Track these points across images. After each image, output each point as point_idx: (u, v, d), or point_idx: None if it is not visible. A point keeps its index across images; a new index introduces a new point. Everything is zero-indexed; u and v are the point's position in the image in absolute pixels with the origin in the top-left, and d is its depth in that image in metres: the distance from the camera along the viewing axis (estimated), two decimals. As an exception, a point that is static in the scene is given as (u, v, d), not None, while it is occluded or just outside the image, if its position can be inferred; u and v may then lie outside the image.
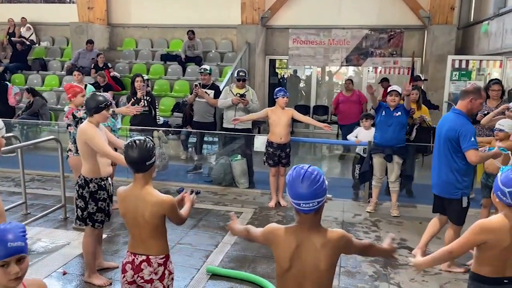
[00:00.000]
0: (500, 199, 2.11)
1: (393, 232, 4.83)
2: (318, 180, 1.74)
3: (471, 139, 3.55)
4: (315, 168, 1.78)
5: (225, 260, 4.12)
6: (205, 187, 6.40)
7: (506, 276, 2.14)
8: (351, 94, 8.44)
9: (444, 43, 9.39)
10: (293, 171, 1.79)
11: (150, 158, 2.31)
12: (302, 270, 1.78)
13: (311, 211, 1.76)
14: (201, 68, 7.09)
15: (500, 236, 2.08)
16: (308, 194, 1.72)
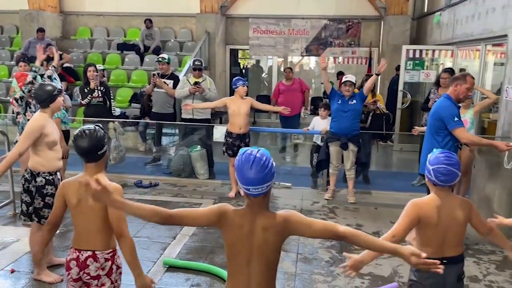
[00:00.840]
0: (428, 178, 2.22)
1: (350, 219, 5.02)
2: (267, 165, 1.74)
3: (455, 119, 3.70)
4: (263, 152, 1.77)
5: (183, 252, 4.09)
6: (163, 179, 6.31)
7: (445, 256, 2.24)
8: (292, 82, 7.89)
9: (399, 33, 9.63)
10: (242, 156, 1.76)
11: (102, 147, 2.26)
12: (250, 252, 1.79)
13: (260, 195, 1.78)
14: (158, 57, 6.92)
15: (428, 211, 2.18)
16: (257, 179, 1.72)
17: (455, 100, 3.81)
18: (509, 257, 2.48)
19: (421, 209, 2.21)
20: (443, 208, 2.20)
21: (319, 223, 1.83)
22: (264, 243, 1.78)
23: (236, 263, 1.84)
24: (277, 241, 1.81)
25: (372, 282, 3.61)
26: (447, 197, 2.24)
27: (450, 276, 2.26)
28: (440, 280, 2.24)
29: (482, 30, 6.42)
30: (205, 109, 6.23)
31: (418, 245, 2.28)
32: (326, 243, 4.34)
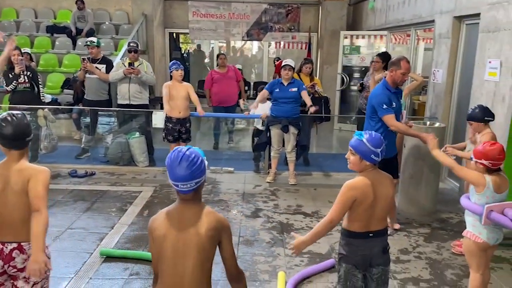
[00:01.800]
0: (371, 161, 2.27)
1: (290, 200, 5.12)
2: (196, 162, 1.77)
3: (383, 107, 3.85)
4: (193, 150, 1.81)
5: (121, 242, 3.96)
6: (101, 168, 6.05)
7: (371, 230, 2.35)
8: (226, 70, 7.21)
9: (336, 18, 9.86)
10: (172, 154, 1.79)
11: (30, 133, 2.19)
12: (182, 250, 1.77)
13: (189, 192, 1.79)
14: (87, 40, 6.50)
15: (364, 190, 2.26)
16: (185, 176, 1.75)
17: (392, 84, 3.97)
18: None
19: (356, 190, 2.26)
20: (374, 184, 2.28)
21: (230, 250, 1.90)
22: (198, 240, 1.76)
23: (167, 262, 1.80)
24: (212, 236, 1.79)
25: (311, 259, 3.72)
26: (376, 173, 2.33)
27: (376, 248, 2.37)
28: (367, 252, 2.36)
29: (412, 16, 6.72)
30: (142, 94, 6.03)
31: (347, 220, 2.37)
32: (267, 225, 4.40)
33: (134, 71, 5.84)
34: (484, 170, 2.77)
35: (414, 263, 3.68)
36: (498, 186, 2.73)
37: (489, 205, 2.67)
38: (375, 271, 2.39)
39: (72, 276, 3.35)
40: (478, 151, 2.78)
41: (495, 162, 2.72)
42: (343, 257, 2.41)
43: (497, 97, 4.33)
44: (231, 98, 7.10)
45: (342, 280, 2.41)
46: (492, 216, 2.66)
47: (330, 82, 9.72)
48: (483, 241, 2.77)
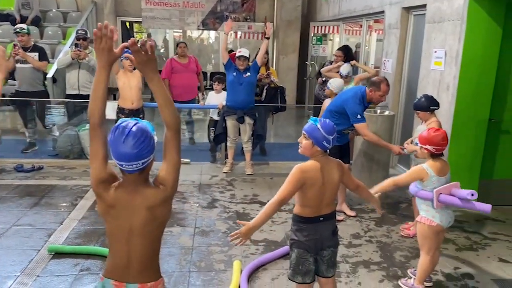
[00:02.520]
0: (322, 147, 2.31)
1: (247, 189, 5.13)
2: (143, 140, 1.62)
3: (357, 116, 4.05)
4: (141, 126, 1.65)
5: (71, 237, 3.82)
6: (49, 162, 5.79)
7: (322, 214, 2.40)
8: (188, 61, 6.64)
9: (291, 8, 9.92)
10: (116, 129, 1.62)
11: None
12: (130, 230, 1.72)
13: (135, 172, 1.66)
14: (16, 27, 6.01)
15: (314, 174, 2.30)
16: (131, 155, 1.59)
17: (368, 100, 4.12)
18: (377, 211, 2.74)
19: (306, 172, 2.30)
20: (323, 169, 2.32)
21: None
22: (147, 221, 1.71)
23: (115, 240, 1.75)
24: (161, 216, 1.74)
25: (266, 247, 3.74)
26: (326, 159, 2.37)
27: (326, 231, 2.44)
28: (319, 236, 2.41)
29: (363, 7, 6.87)
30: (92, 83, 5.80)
31: (299, 206, 2.40)
32: (223, 215, 4.39)
33: (81, 53, 5.58)
34: (428, 155, 2.91)
35: (366, 247, 3.80)
36: (439, 170, 2.88)
37: (438, 189, 2.82)
38: (326, 253, 2.46)
39: (18, 274, 3.19)
40: (423, 137, 2.91)
41: (439, 147, 2.86)
42: (295, 243, 2.44)
43: (442, 85, 4.52)
44: (190, 91, 6.69)
45: (294, 264, 2.45)
46: (442, 198, 2.80)
47: (286, 72, 9.81)
48: (437, 224, 2.90)
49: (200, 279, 3.24)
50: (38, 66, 5.86)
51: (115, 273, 1.75)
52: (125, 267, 1.74)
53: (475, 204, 2.72)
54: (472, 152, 4.46)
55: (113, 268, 1.77)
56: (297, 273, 2.45)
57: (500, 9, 4.16)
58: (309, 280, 2.46)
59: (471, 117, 4.36)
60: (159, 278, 1.81)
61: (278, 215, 4.41)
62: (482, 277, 3.35)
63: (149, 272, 1.78)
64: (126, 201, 1.70)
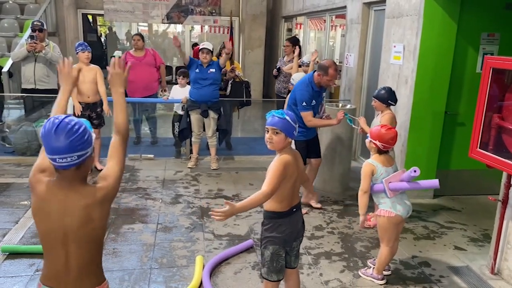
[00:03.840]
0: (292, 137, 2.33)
1: (212, 184, 5.09)
2: (76, 130, 1.51)
3: (303, 104, 4.06)
4: (74, 119, 1.56)
5: (27, 236, 3.69)
6: (4, 159, 5.56)
7: (294, 205, 2.41)
8: (144, 54, 6.33)
9: (257, 3, 9.91)
10: (47, 122, 1.53)
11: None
12: (64, 232, 1.60)
13: (70, 167, 1.53)
14: None
15: (292, 167, 2.31)
16: (63, 147, 1.49)
17: (317, 85, 4.11)
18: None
19: (289, 165, 2.28)
20: (295, 162, 2.33)
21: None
22: (83, 222, 1.59)
23: (50, 244, 1.63)
24: (97, 219, 1.62)
25: (230, 241, 3.73)
26: (293, 151, 2.39)
27: (299, 221, 2.47)
28: (294, 228, 2.42)
29: (327, 2, 6.94)
30: (49, 78, 5.59)
31: (274, 202, 2.34)
32: (187, 211, 4.35)
33: (37, 46, 5.37)
34: (375, 150, 3.00)
35: (327, 238, 3.86)
36: (384, 162, 2.99)
37: (386, 178, 2.92)
38: (295, 244, 2.48)
39: (-33, 277, 3.05)
40: (374, 133, 2.99)
41: (387, 145, 2.96)
42: (270, 240, 2.40)
43: (401, 79, 4.63)
44: (149, 87, 6.32)
45: (268, 262, 2.42)
46: (392, 186, 2.90)
47: (252, 67, 9.80)
48: (396, 214, 2.97)
49: (161, 275, 3.20)
50: None
51: (53, 280, 1.65)
52: (64, 273, 1.63)
53: (422, 183, 2.86)
54: (429, 144, 4.60)
55: (50, 276, 1.66)
56: (272, 271, 2.43)
57: (455, 4, 4.29)
58: (282, 277, 2.47)
59: (428, 110, 4.49)
60: (102, 282, 1.72)
61: (242, 209, 4.41)
62: (438, 265, 3.47)
63: (91, 277, 1.68)
64: (60, 200, 1.58)
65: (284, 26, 9.75)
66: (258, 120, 8.82)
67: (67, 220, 1.59)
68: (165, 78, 6.83)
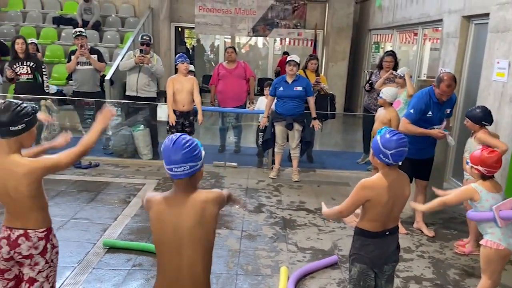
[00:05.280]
0: (381, 160, 2.23)
1: (293, 196, 5.12)
2: (189, 145, 1.76)
3: (410, 110, 3.90)
4: (188, 137, 1.81)
5: (125, 233, 3.97)
6: (104, 160, 6.07)
7: (388, 228, 2.32)
8: (235, 66, 6.50)
9: (343, 16, 9.83)
10: (167, 139, 1.80)
11: (16, 123, 2.03)
12: (180, 239, 1.77)
13: (183, 176, 1.76)
14: (75, 31, 6.29)
15: (379, 192, 2.22)
16: (178, 159, 1.73)
17: (437, 95, 3.89)
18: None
19: (372, 190, 2.22)
20: (392, 185, 2.23)
21: None
22: (196, 228, 1.75)
23: (164, 251, 1.80)
24: (211, 222, 1.79)
25: (313, 255, 3.71)
26: (395, 174, 2.28)
27: (392, 246, 2.37)
28: (384, 251, 2.34)
29: (420, 15, 6.69)
30: (150, 87, 6.02)
31: (366, 221, 2.31)
32: (270, 220, 4.40)
33: (145, 59, 5.81)
34: (478, 176, 2.78)
35: (417, 262, 3.67)
36: (490, 188, 2.75)
37: (496, 206, 2.66)
38: (387, 268, 2.39)
39: (75, 265, 3.36)
40: (476, 157, 2.78)
41: (491, 170, 2.74)
42: (358, 258, 2.36)
43: (505, 97, 4.30)
44: (238, 97, 6.46)
45: (355, 280, 2.37)
46: (504, 214, 2.65)
47: (335, 80, 9.71)
48: (504, 247, 2.74)
49: (247, 282, 3.27)
50: (98, 67, 6.15)
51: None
52: (177, 282, 1.78)
53: None
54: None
55: (164, 283, 1.81)
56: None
57: None
58: None
59: (535, 132, 4.11)
60: None
61: (326, 223, 4.37)
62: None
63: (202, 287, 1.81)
64: (174, 212, 1.77)
65: (370, 39, 9.56)
66: (339, 134, 8.69)
67: (182, 226, 1.76)
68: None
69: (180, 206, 1.77)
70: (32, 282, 2.15)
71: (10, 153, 2.06)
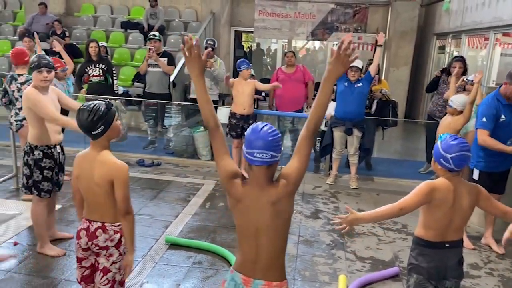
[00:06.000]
0: (442, 166, 2.17)
1: (351, 203, 5.01)
2: (276, 134, 1.76)
3: (482, 119, 3.71)
4: (272, 126, 1.81)
5: (185, 231, 4.09)
6: (166, 159, 6.30)
7: (447, 240, 2.22)
8: (294, 70, 6.48)
9: (407, 19, 9.52)
10: (254, 125, 1.81)
11: (95, 127, 2.18)
12: (256, 223, 1.80)
13: (263, 164, 1.74)
14: (150, 34, 6.63)
15: (445, 195, 2.15)
16: (263, 144, 1.72)
17: (504, 96, 3.73)
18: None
19: (436, 190, 2.16)
20: (455, 192, 2.16)
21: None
22: (270, 217, 1.78)
23: (244, 236, 1.86)
24: (283, 211, 1.81)
25: (373, 266, 3.62)
26: (458, 182, 2.21)
27: (452, 260, 2.26)
28: (442, 264, 2.24)
29: (492, 18, 6.33)
30: (212, 90, 6.18)
31: (422, 227, 2.26)
32: (327, 227, 4.35)
33: (209, 63, 5.97)
34: None
35: (485, 279, 3.47)
36: None
37: None
38: (448, 284, 2.28)
39: (139, 259, 3.51)
40: None
41: None
42: (415, 267, 2.29)
43: None
44: (296, 102, 6.45)
45: None
46: None
47: (396, 85, 9.41)
48: None
49: (305, 288, 3.25)
50: (166, 70, 6.41)
51: (243, 268, 1.85)
52: (253, 262, 1.82)
53: None
54: None
55: (242, 263, 1.87)
56: None
57: None
58: None
59: None
60: (284, 279, 1.86)
61: (386, 234, 4.24)
62: None
63: (275, 271, 1.84)
64: (253, 197, 1.79)
65: (435, 43, 9.18)
66: (399, 141, 8.41)
67: (260, 215, 1.79)
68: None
69: (256, 199, 1.78)
70: (106, 272, 2.29)
71: (100, 150, 2.23)
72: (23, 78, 4.39)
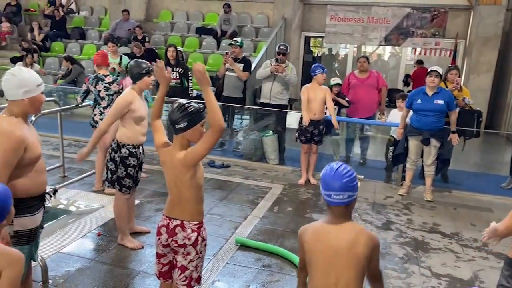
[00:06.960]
0: None
1: (426, 217, 4.78)
2: (350, 175, 1.83)
3: None
4: (348, 166, 1.89)
5: (254, 233, 4.14)
6: (235, 161, 6.42)
7: None
8: (367, 76, 6.34)
9: (491, 24, 8.92)
10: (328, 166, 1.89)
11: (177, 122, 2.24)
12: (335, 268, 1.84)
13: (341, 204, 1.82)
14: (232, 40, 6.90)
15: None
16: (339, 186, 1.81)
17: None
18: None
19: None
20: None
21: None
22: (351, 258, 1.81)
23: (320, 273, 1.88)
24: (365, 254, 1.82)
25: (450, 284, 3.42)
26: None
27: None
28: None
29: None
30: (282, 95, 6.21)
31: None
32: (399, 240, 4.18)
33: (280, 68, 6.03)
34: None
35: None
36: None
37: None
38: None
39: (211, 258, 3.60)
40: None
41: None
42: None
43: None
44: (368, 108, 6.31)
45: None
46: None
47: (476, 94, 8.82)
48: None
49: (376, 301, 3.14)
50: (240, 75, 6.56)
51: None
52: None
53: None
54: None
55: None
56: None
57: None
58: None
59: None
60: None
61: (465, 251, 3.99)
62: None
63: None
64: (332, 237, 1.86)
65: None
66: (480, 154, 7.87)
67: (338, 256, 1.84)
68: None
69: (336, 231, 1.86)
70: (184, 269, 2.37)
71: (180, 147, 2.30)
72: (110, 78, 4.72)
